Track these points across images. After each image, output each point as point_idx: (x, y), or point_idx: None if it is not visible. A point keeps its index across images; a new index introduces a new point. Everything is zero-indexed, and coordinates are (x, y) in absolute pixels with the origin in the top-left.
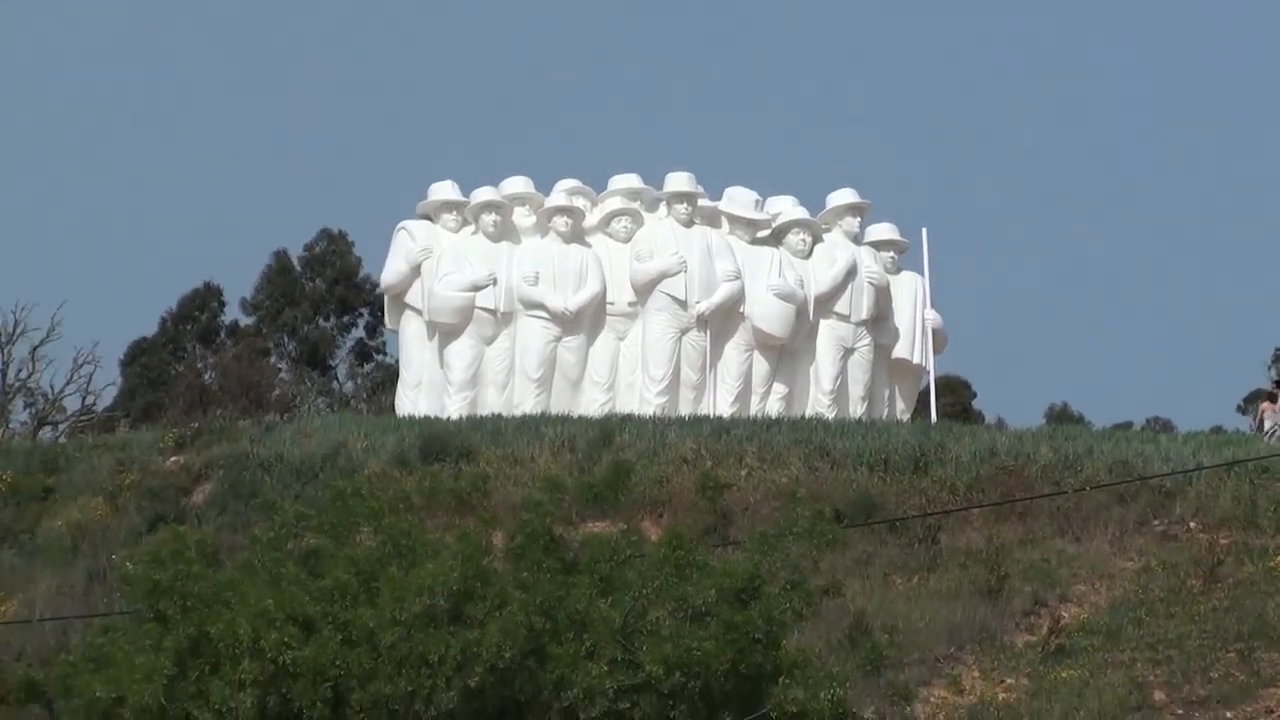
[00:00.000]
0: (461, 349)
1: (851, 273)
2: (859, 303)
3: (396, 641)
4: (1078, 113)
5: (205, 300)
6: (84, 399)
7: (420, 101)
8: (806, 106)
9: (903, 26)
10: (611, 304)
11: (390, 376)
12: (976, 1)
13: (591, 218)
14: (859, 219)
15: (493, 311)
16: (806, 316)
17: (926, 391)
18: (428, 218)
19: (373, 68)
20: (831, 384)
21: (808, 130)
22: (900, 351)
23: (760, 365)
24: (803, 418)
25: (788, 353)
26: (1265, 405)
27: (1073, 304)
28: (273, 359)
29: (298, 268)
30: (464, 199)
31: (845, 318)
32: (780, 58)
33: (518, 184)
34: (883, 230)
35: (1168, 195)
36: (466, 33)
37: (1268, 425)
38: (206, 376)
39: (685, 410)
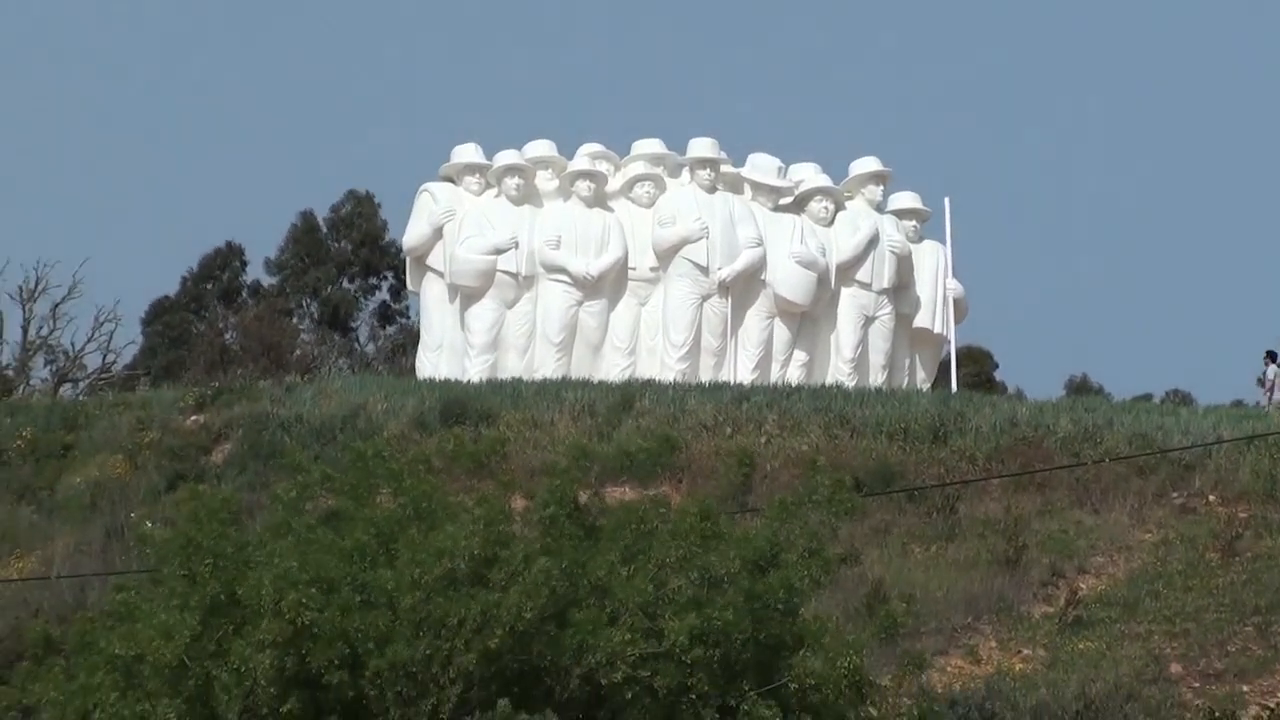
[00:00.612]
0: (482, 312)
1: (873, 241)
2: (880, 271)
3: (415, 604)
4: (1102, 84)
5: (227, 260)
6: (104, 357)
7: (447, 64)
8: (831, 75)
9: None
10: (633, 269)
11: (411, 339)
12: None
13: (614, 182)
14: (882, 187)
15: (514, 275)
16: (828, 284)
17: (947, 361)
18: (451, 180)
19: (401, 30)
20: (852, 352)
21: (832, 98)
22: (921, 321)
23: (781, 332)
24: (823, 385)
25: (809, 320)
26: (1268, 367)
27: (1095, 276)
28: (295, 319)
29: (323, 229)
30: (487, 162)
31: (867, 286)
32: (805, 27)
33: (541, 148)
34: (905, 199)
35: (1194, 165)
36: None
37: (1270, 380)
38: (228, 336)
39: (706, 376)
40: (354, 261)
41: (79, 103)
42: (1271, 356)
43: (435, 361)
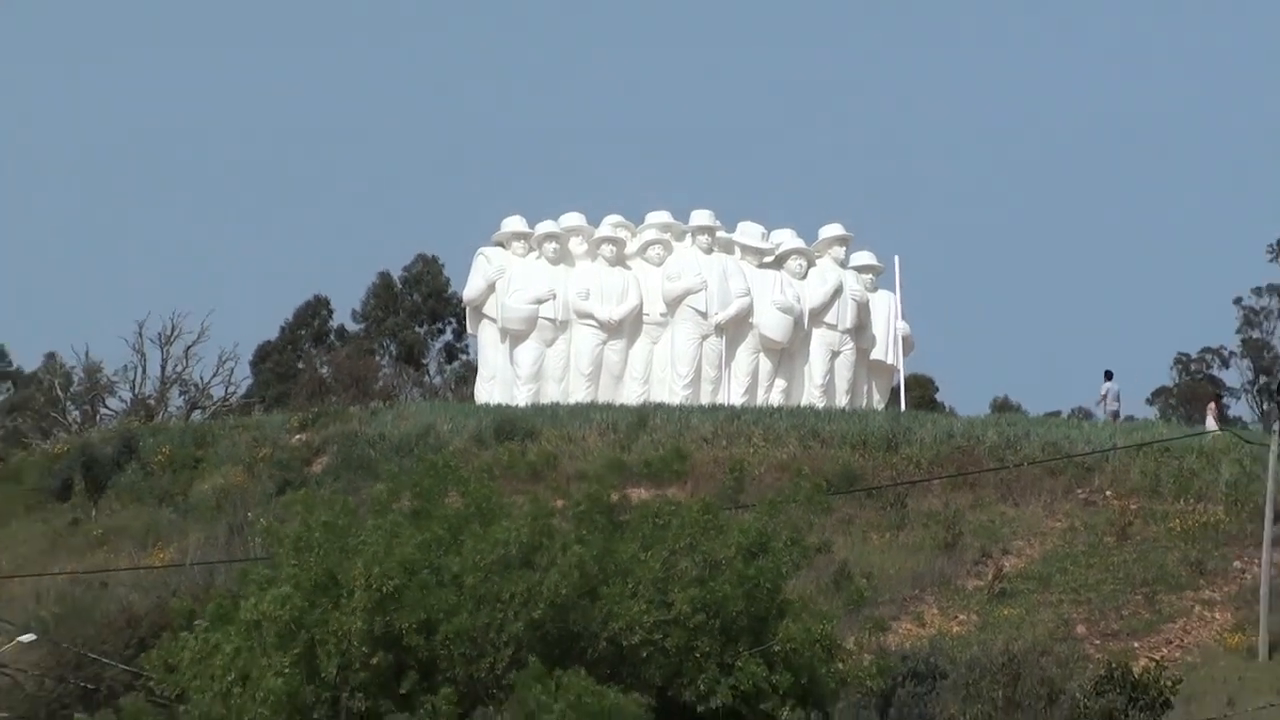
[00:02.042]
0: (527, 350)
1: (838, 291)
2: (844, 315)
3: (476, 583)
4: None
5: (316, 310)
6: (226, 389)
7: (498, 150)
8: (805, 156)
9: (888, 95)
10: (647, 315)
11: (471, 372)
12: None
13: (631, 246)
14: (844, 248)
15: (552, 320)
16: (802, 325)
17: (898, 386)
18: (501, 245)
19: (457, 123)
20: (822, 379)
21: (805, 176)
22: (877, 354)
23: (765, 364)
24: (799, 406)
25: (787, 354)
26: (1105, 384)
27: (1015, 315)
28: (376, 357)
29: (398, 285)
30: (529, 230)
31: (833, 327)
32: (786, 117)
33: (573, 219)
34: (863, 257)
35: (1086, 227)
36: (523, 98)
37: (1113, 407)
38: (323, 371)
39: (705, 400)
40: (423, 310)
41: (198, 183)
42: (1108, 375)
43: (490, 390)
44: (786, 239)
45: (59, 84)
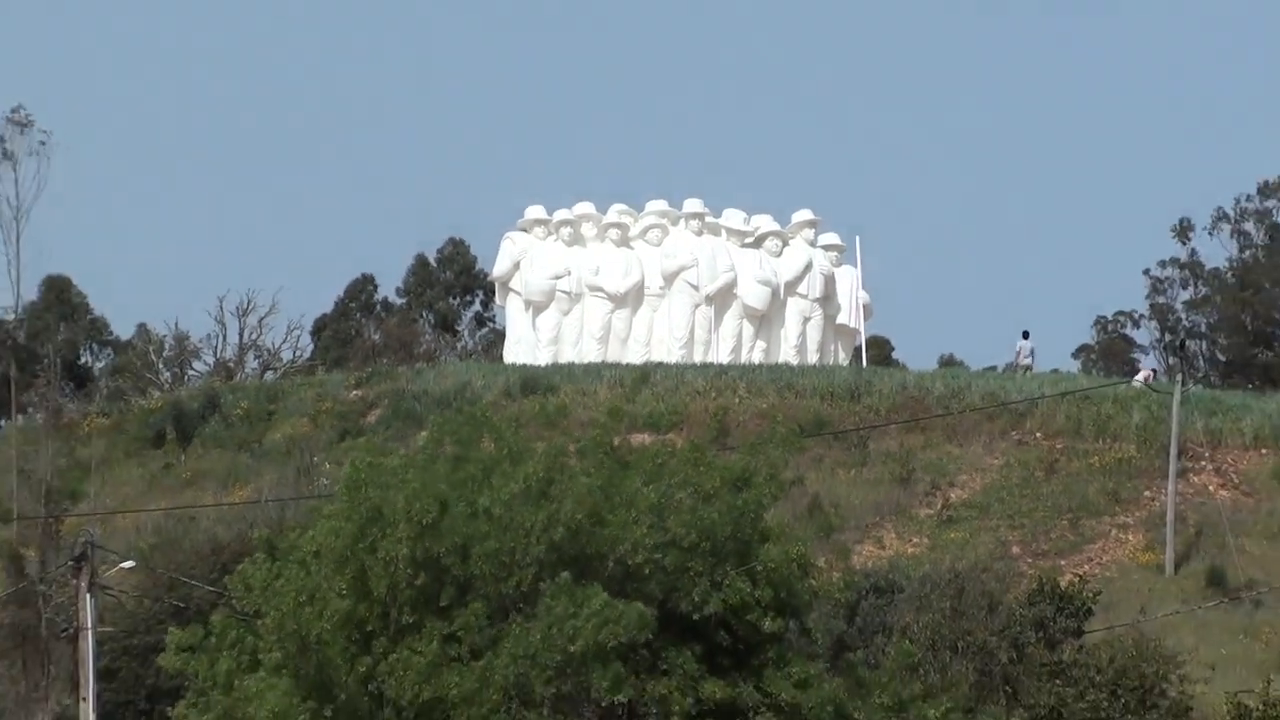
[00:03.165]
0: (547, 318)
1: (809, 266)
2: (814, 286)
3: (503, 513)
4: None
5: (364, 286)
6: (294, 353)
7: (519, 146)
8: (781, 151)
9: (872, 96)
10: (648, 288)
11: (499, 337)
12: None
13: (634, 229)
14: (814, 230)
15: (568, 293)
16: (778, 296)
17: (860, 346)
18: (524, 230)
19: (483, 123)
20: (795, 341)
21: (783, 166)
22: (842, 319)
23: (747, 329)
24: (776, 364)
25: (766, 320)
26: (1021, 343)
27: (959, 284)
28: (418, 325)
29: (433, 264)
30: (548, 217)
31: (804, 296)
32: (766, 119)
33: (584, 207)
34: (829, 237)
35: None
36: (542, 102)
37: (1025, 361)
38: (374, 337)
39: (697, 359)
40: (455, 285)
41: (269, 180)
42: (1025, 335)
43: (516, 352)
44: (764, 223)
45: (156, 83)
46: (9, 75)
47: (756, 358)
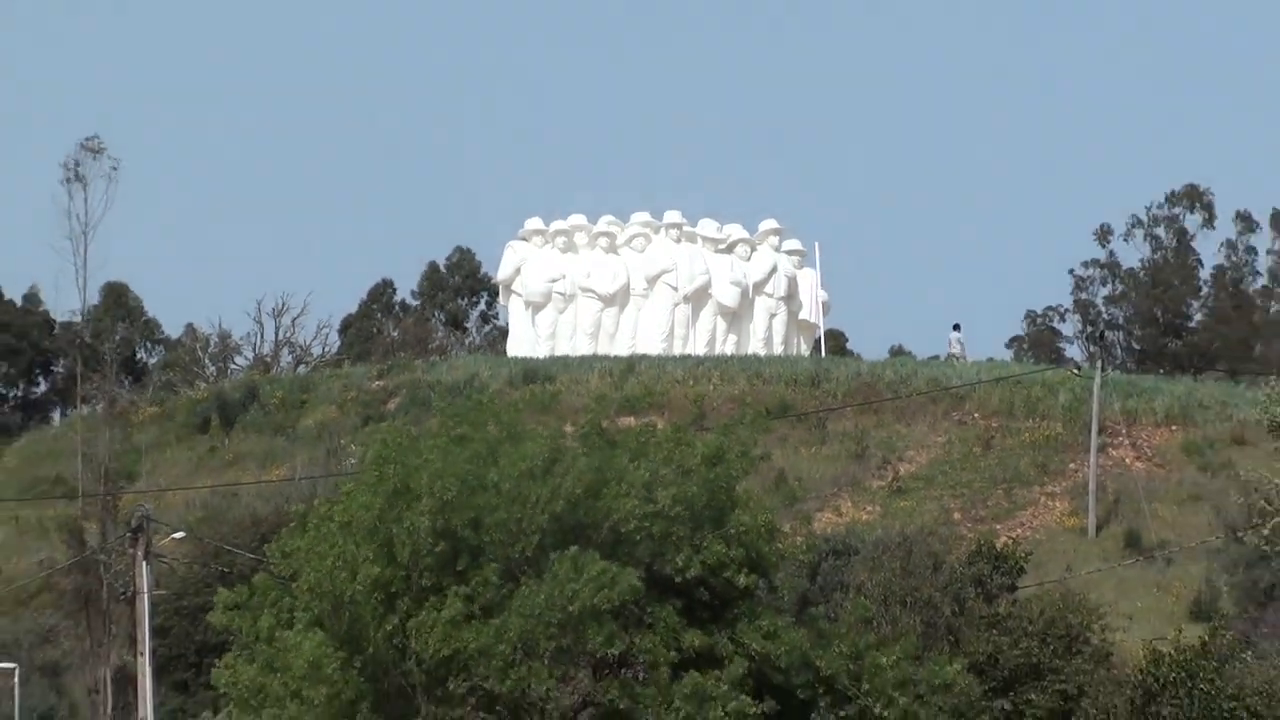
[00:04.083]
0: (545, 316)
1: (774, 269)
2: (779, 286)
3: (510, 488)
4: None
5: (384, 290)
6: (323, 348)
7: (517, 166)
8: (752, 168)
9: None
10: (633, 289)
11: (502, 334)
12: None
13: (621, 238)
14: (779, 237)
15: (563, 294)
16: (748, 295)
17: (819, 339)
18: (524, 239)
19: (486, 144)
20: (763, 335)
21: (752, 182)
22: (803, 315)
23: (720, 324)
24: (746, 355)
25: (736, 317)
26: (953, 333)
27: (906, 284)
28: (431, 324)
29: (444, 270)
30: (545, 228)
31: (771, 295)
32: (738, 141)
33: (576, 219)
34: (792, 243)
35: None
36: (537, 130)
37: (955, 350)
38: (393, 335)
39: (677, 351)
40: (463, 288)
41: (298, 195)
42: (956, 327)
43: (517, 346)
44: (735, 231)
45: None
46: (82, 107)
47: (729, 349)
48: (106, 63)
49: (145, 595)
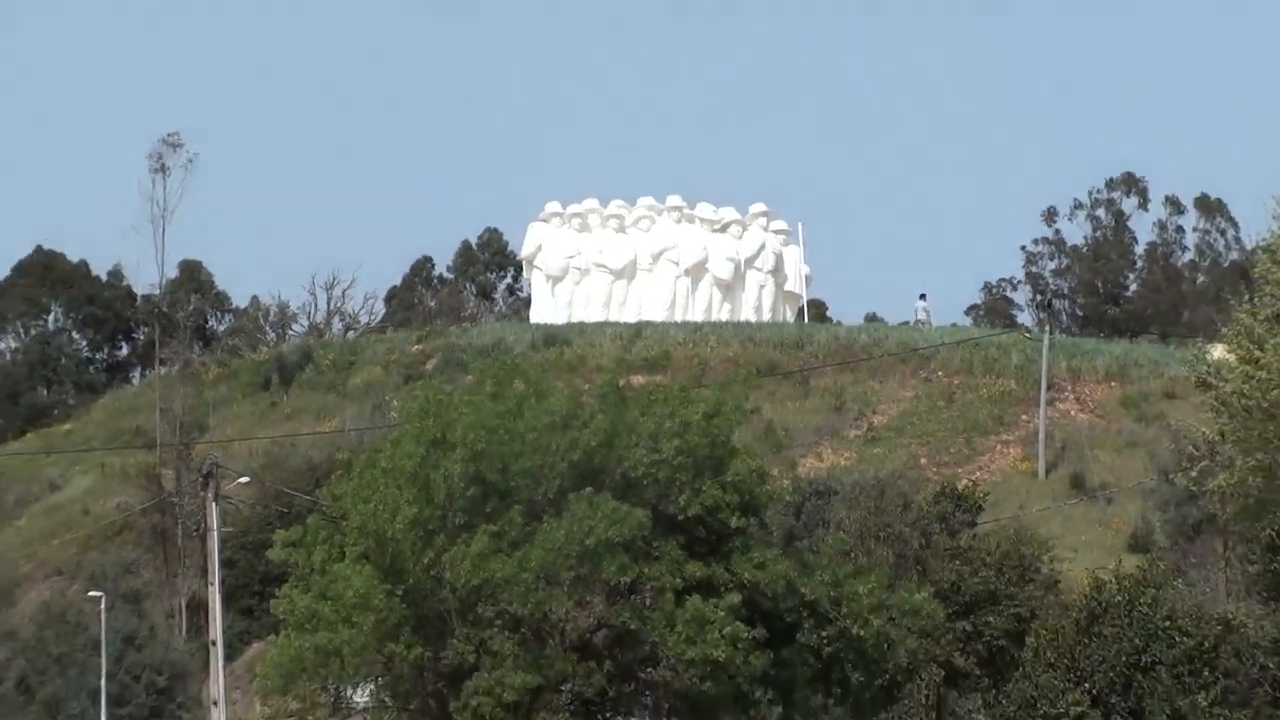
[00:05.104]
0: (563, 288)
1: (763, 247)
2: (767, 262)
3: (535, 438)
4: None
5: (423, 265)
6: (369, 317)
7: (538, 154)
8: (744, 156)
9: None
10: (640, 265)
11: (526, 303)
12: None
13: (629, 219)
14: (767, 218)
15: (579, 269)
16: (740, 269)
17: (803, 308)
18: (544, 220)
19: (511, 136)
20: (754, 304)
21: (744, 169)
22: (789, 287)
23: (716, 295)
24: (739, 321)
25: (730, 288)
26: (919, 304)
27: (879, 258)
28: (464, 295)
29: (475, 248)
30: (563, 210)
31: (760, 270)
32: (733, 133)
33: (591, 202)
34: (779, 224)
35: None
36: (556, 124)
37: (921, 317)
38: (431, 304)
39: (678, 319)
40: (492, 264)
41: (349, 182)
42: (922, 296)
43: (539, 314)
44: (729, 213)
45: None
46: (164, 103)
47: (724, 317)
48: (182, 67)
49: (214, 533)
